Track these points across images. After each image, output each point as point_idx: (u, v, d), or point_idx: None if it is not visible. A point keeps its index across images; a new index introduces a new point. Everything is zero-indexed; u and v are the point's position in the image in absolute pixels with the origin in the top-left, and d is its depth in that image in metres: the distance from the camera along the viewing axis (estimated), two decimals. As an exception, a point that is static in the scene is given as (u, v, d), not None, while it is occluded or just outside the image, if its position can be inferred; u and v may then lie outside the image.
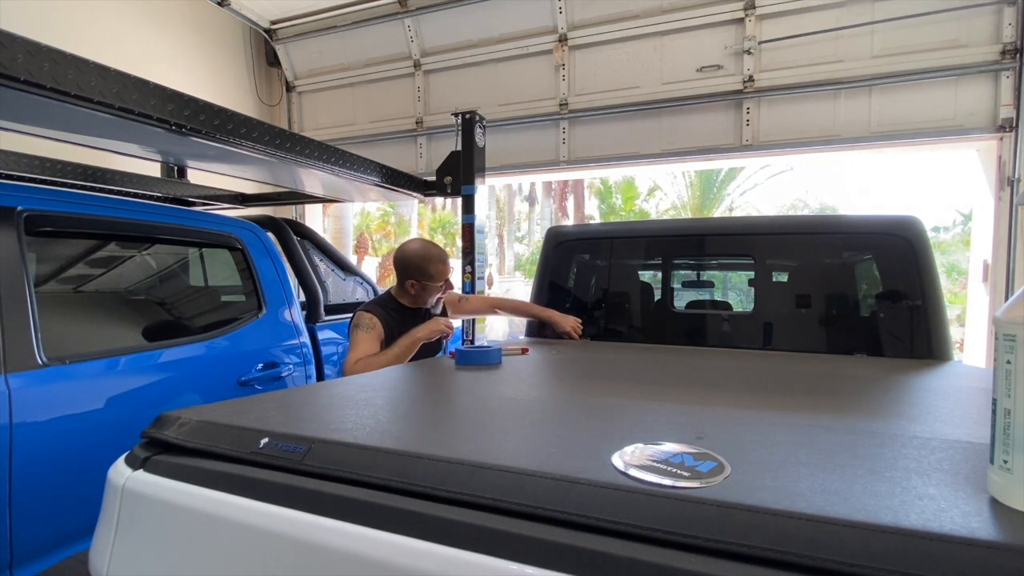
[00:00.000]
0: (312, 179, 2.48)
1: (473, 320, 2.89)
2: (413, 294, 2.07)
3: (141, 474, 0.78)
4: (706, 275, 3.93)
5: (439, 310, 2.21)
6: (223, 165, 2.30)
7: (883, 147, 3.55)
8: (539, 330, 2.23)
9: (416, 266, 2.05)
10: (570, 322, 2.10)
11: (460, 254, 3.00)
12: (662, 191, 15.90)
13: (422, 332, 1.94)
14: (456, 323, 2.59)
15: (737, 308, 3.12)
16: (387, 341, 1.95)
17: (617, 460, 0.64)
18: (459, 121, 2.91)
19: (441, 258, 2.08)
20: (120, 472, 0.80)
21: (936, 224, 14.12)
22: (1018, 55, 3.17)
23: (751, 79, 3.69)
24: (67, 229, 1.71)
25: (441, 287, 2.09)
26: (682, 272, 3.51)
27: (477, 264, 2.91)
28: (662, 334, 2.17)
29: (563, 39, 4.12)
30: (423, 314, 2.13)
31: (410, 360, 2.04)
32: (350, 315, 2.09)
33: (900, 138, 3.45)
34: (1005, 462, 0.54)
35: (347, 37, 4.73)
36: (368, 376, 1.35)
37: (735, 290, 9.72)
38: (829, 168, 22.91)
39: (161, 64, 4.06)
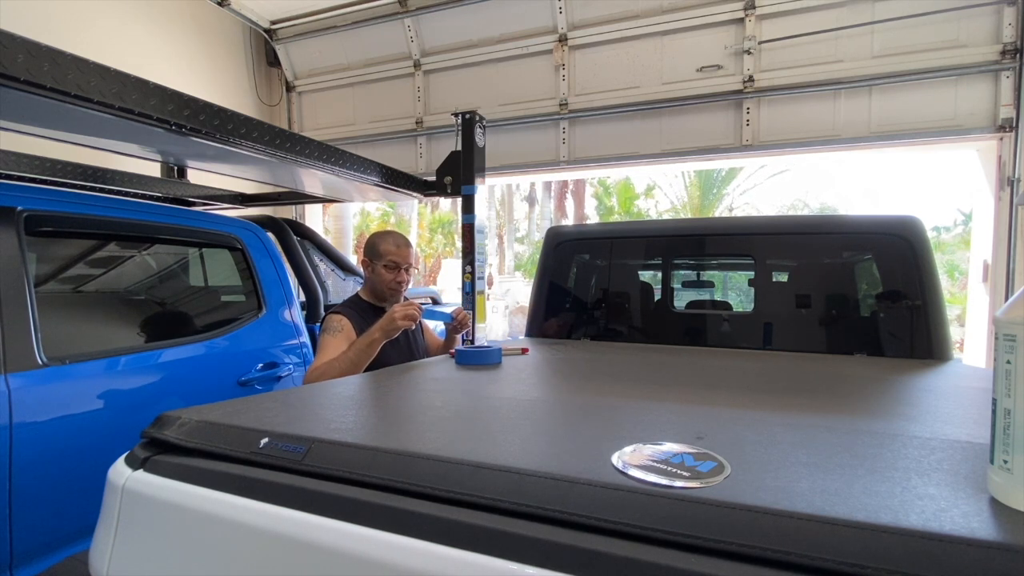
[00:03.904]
0: (312, 179, 2.47)
1: (473, 320, 2.89)
2: (370, 279, 2.01)
3: (141, 474, 0.78)
4: (706, 275, 3.93)
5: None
6: (223, 165, 2.30)
7: (883, 147, 3.55)
8: (540, 331, 2.23)
9: (369, 244, 2.02)
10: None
11: (460, 254, 3.00)
12: (661, 191, 15.91)
13: (377, 332, 1.68)
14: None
15: (737, 308, 3.12)
16: None
17: (617, 460, 0.64)
18: (459, 121, 2.91)
19: (394, 239, 2.00)
20: (120, 472, 0.80)
21: (937, 224, 14.14)
22: (1018, 55, 3.17)
23: (751, 79, 3.69)
24: (67, 229, 1.71)
25: (393, 272, 1.97)
26: (682, 272, 3.51)
27: (477, 264, 2.91)
28: (662, 334, 2.17)
29: (563, 39, 4.12)
30: None
31: (397, 364, 1.99)
32: None
33: (900, 138, 3.45)
34: (1005, 462, 0.54)
35: (347, 37, 4.73)
36: (368, 376, 1.35)
37: (735, 290, 9.72)
38: (829, 168, 22.92)
39: (161, 64, 4.06)
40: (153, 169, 3.03)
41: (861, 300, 1.89)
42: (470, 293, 2.90)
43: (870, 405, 1.07)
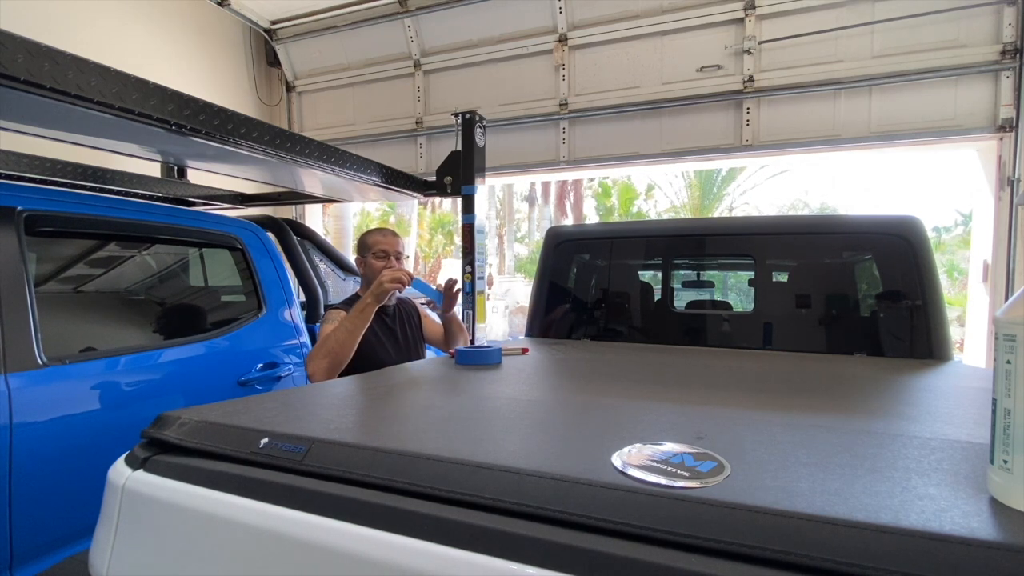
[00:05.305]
0: (312, 179, 2.47)
1: (473, 319, 2.89)
2: (365, 276, 2.07)
3: (141, 474, 0.78)
4: (706, 275, 3.94)
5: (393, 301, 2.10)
6: (223, 165, 2.30)
7: (883, 147, 3.55)
8: (540, 331, 2.23)
9: (359, 242, 2.11)
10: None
11: (460, 254, 2.99)
12: (661, 191, 15.90)
13: (369, 297, 1.76)
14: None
15: (737, 308, 3.12)
16: None
17: (617, 460, 0.64)
18: (459, 121, 2.91)
19: (381, 231, 2.10)
20: (120, 472, 0.80)
21: (937, 224, 14.15)
22: (1018, 55, 3.17)
23: (751, 79, 3.69)
24: (67, 229, 1.71)
25: (383, 260, 2.03)
26: (682, 272, 3.51)
27: (477, 264, 2.91)
28: (662, 334, 2.17)
29: (563, 39, 4.12)
30: (389, 310, 2.11)
31: (388, 341, 2.01)
32: None
33: (900, 138, 3.45)
34: (1005, 462, 0.54)
35: (347, 37, 4.73)
36: (368, 376, 1.35)
37: (735, 290, 9.72)
38: (829, 168, 22.91)
39: (161, 64, 4.06)
40: (153, 169, 3.03)
41: (861, 300, 1.89)
42: (470, 293, 2.90)
43: (870, 405, 1.07)
